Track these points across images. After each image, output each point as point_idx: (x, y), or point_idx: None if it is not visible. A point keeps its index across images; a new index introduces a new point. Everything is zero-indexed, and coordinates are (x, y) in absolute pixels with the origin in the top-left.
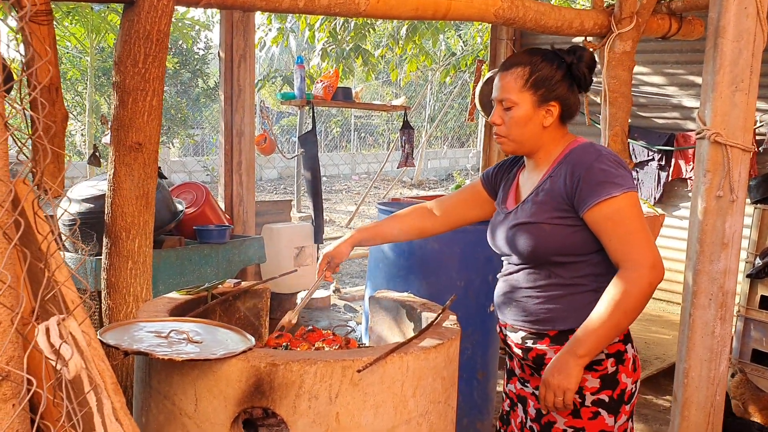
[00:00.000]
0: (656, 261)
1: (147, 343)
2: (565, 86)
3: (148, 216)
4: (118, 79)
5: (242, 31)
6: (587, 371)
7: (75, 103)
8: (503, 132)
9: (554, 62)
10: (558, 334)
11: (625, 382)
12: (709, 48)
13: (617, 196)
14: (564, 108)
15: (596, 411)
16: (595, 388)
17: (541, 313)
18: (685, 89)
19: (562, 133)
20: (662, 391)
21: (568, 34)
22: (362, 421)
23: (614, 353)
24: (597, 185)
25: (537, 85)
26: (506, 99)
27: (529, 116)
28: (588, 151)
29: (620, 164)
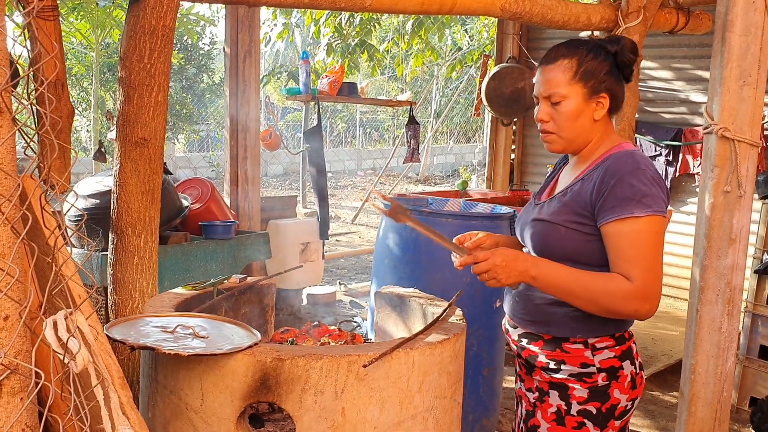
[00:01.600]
0: (652, 295)
1: (153, 338)
2: (613, 77)
3: (154, 211)
4: (123, 75)
5: (247, 27)
6: (576, 381)
7: (80, 99)
8: (552, 128)
9: (600, 53)
10: (552, 340)
11: (618, 398)
12: (717, 42)
13: (640, 217)
14: (613, 100)
15: (581, 421)
16: (582, 398)
17: (539, 314)
18: (692, 84)
19: (609, 129)
20: (669, 387)
21: (575, 28)
22: (368, 416)
23: (607, 368)
24: (622, 200)
25: (586, 76)
26: (554, 93)
27: (581, 109)
28: (626, 160)
29: (655, 182)
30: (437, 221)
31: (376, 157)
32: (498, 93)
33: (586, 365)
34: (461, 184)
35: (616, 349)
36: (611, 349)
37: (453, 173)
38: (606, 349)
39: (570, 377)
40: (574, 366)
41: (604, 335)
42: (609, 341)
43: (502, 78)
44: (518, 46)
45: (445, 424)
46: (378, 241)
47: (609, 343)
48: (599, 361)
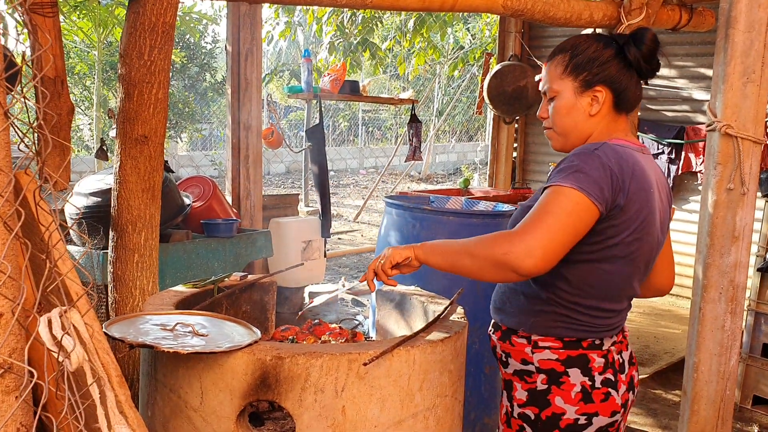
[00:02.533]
0: (537, 249)
1: (153, 336)
2: (614, 68)
3: (155, 209)
4: (123, 72)
5: (249, 25)
6: (519, 379)
7: (83, 97)
8: (549, 124)
9: (600, 43)
10: (506, 331)
11: (562, 408)
12: (720, 39)
13: (563, 186)
14: (616, 93)
15: (521, 425)
16: (522, 400)
17: (500, 301)
18: (695, 82)
19: (616, 126)
20: (671, 386)
21: (577, 25)
22: (368, 414)
23: (547, 370)
24: (558, 172)
25: (578, 69)
26: (549, 89)
27: (571, 104)
28: (591, 146)
29: (603, 169)
30: (439, 219)
31: (378, 155)
32: (500, 91)
33: (526, 362)
34: (463, 183)
35: (561, 352)
36: (554, 351)
37: (455, 172)
38: (548, 350)
39: (514, 374)
40: (516, 361)
41: (550, 335)
42: (554, 342)
43: (504, 76)
44: (520, 44)
45: (446, 423)
46: (380, 238)
47: (553, 344)
48: (538, 360)
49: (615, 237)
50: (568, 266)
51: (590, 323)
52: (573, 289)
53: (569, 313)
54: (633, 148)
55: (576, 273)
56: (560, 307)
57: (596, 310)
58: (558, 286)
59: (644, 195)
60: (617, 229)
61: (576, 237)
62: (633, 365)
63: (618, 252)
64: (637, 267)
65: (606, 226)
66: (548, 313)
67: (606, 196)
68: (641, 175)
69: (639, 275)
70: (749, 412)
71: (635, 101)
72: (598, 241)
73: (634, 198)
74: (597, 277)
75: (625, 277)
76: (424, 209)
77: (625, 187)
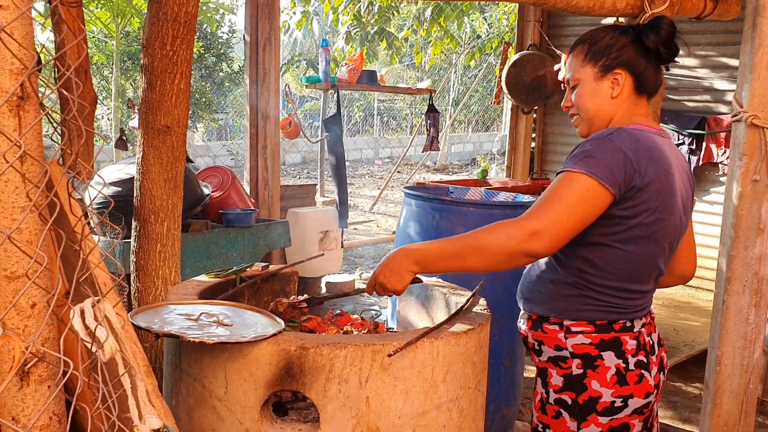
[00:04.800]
0: (545, 231)
1: (177, 326)
2: (632, 52)
3: (177, 199)
4: (146, 62)
5: (267, 15)
6: (553, 366)
7: (101, 87)
8: (575, 111)
9: (617, 31)
10: (537, 319)
11: (598, 391)
12: (748, 28)
13: (573, 172)
14: (635, 76)
15: (558, 410)
16: (558, 386)
17: (528, 291)
18: (717, 71)
19: (637, 109)
20: (691, 378)
21: (600, 14)
22: (392, 405)
23: (581, 354)
24: (571, 158)
25: (596, 55)
26: (572, 78)
27: (593, 89)
28: (606, 131)
29: (615, 153)
30: (459, 210)
31: (393, 145)
32: (518, 81)
33: (560, 348)
34: (481, 173)
35: (594, 336)
36: (587, 335)
37: (471, 162)
38: (581, 334)
39: (549, 361)
40: (550, 348)
41: (581, 319)
42: (586, 326)
43: (523, 66)
44: (539, 34)
45: (469, 414)
46: (399, 230)
47: (586, 328)
48: (572, 345)
49: (636, 218)
50: (593, 249)
51: (620, 305)
52: (600, 272)
53: (598, 296)
54: (652, 131)
55: (601, 255)
56: (589, 290)
57: (624, 292)
58: (585, 270)
59: (664, 176)
60: (636, 209)
61: (586, 219)
62: (662, 347)
63: (640, 232)
64: (661, 247)
65: (625, 207)
66: (577, 297)
67: (618, 179)
68: (660, 158)
69: (664, 256)
70: None
71: (656, 85)
72: (619, 222)
73: (653, 179)
74: (622, 259)
75: (649, 257)
76: (444, 200)
77: (641, 169)
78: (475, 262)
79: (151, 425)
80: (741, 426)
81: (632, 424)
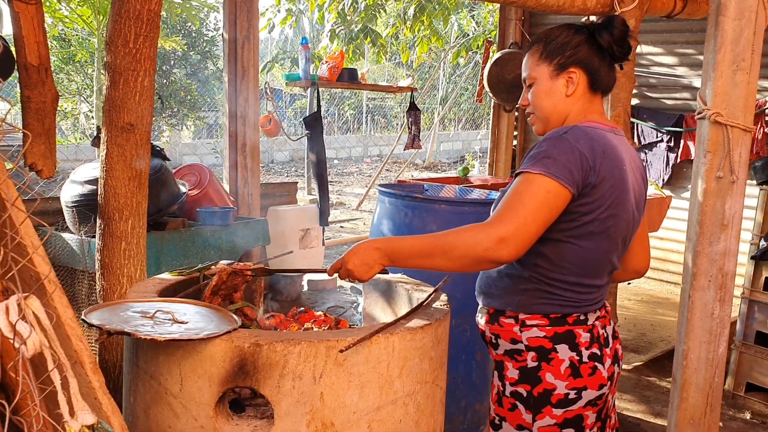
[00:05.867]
0: (512, 238)
1: (132, 323)
2: (586, 50)
3: (141, 197)
4: (109, 60)
5: (246, 12)
6: (509, 359)
7: (84, 85)
8: (531, 110)
9: (572, 30)
10: (494, 313)
11: (553, 384)
12: (711, 26)
13: (533, 173)
14: (589, 74)
15: (514, 403)
16: (513, 379)
17: (485, 285)
18: (695, 69)
19: (591, 107)
20: (665, 373)
21: (571, 12)
22: (347, 401)
23: (536, 347)
24: (528, 158)
25: (552, 54)
26: (527, 77)
27: (548, 88)
28: (561, 130)
29: (571, 152)
30: (431, 208)
31: (383, 143)
32: (500, 79)
33: (516, 341)
34: (462, 171)
35: (548, 329)
36: (541, 328)
37: (459, 160)
38: (535, 328)
39: (505, 354)
40: (506, 341)
41: (536, 313)
42: (541, 320)
43: (504, 64)
44: (521, 32)
45: (427, 409)
46: (372, 227)
47: (540, 321)
48: (527, 338)
49: (590, 214)
50: (548, 245)
51: (574, 299)
52: (554, 266)
53: (552, 290)
54: (605, 128)
55: (556, 251)
56: (543, 285)
57: (578, 286)
58: (540, 265)
59: (617, 173)
60: (591, 206)
61: (548, 221)
62: (616, 339)
63: (594, 228)
64: (614, 243)
65: (580, 203)
66: (532, 291)
67: (576, 178)
68: (612, 154)
69: (617, 251)
70: (742, 399)
71: (610, 83)
72: (575, 218)
73: (606, 176)
74: (576, 254)
75: (603, 252)
76: (416, 197)
77: (596, 166)
78: (442, 263)
79: (84, 421)
80: (707, 419)
81: (586, 415)
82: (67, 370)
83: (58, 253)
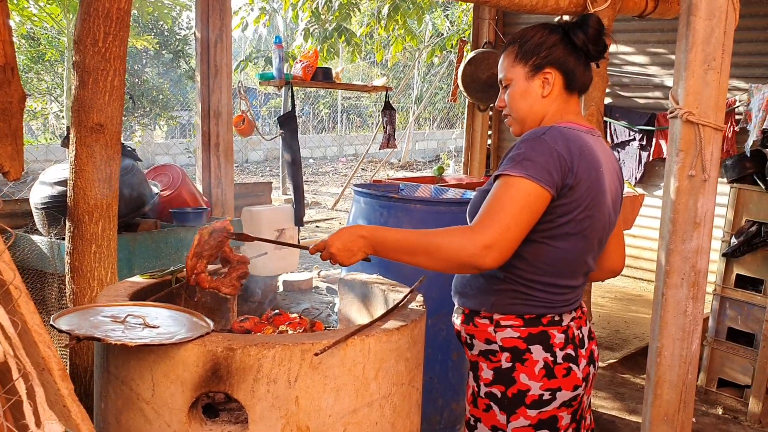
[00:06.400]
0: (495, 245)
1: (102, 328)
2: (561, 50)
3: (112, 198)
4: (78, 59)
5: (218, 11)
6: (484, 359)
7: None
8: (507, 112)
9: (546, 30)
10: (469, 313)
11: (527, 385)
12: (682, 26)
13: (512, 176)
14: (565, 74)
15: (488, 404)
16: (488, 379)
17: (461, 285)
18: (667, 69)
19: (567, 108)
20: (639, 370)
21: (544, 12)
22: (322, 404)
23: (510, 348)
24: (507, 161)
25: (527, 55)
26: (503, 78)
27: (524, 89)
28: (537, 130)
29: (549, 153)
30: (406, 207)
31: (358, 143)
32: (474, 78)
33: (490, 341)
34: (437, 170)
35: (522, 329)
36: (515, 329)
37: (435, 159)
38: (509, 328)
39: (480, 355)
40: (481, 342)
41: (510, 313)
42: (515, 320)
43: (478, 63)
44: (494, 32)
45: (403, 411)
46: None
47: (515, 322)
48: (501, 338)
49: (566, 215)
50: (524, 245)
51: (548, 300)
52: (529, 266)
53: (527, 290)
54: (582, 129)
55: (531, 251)
56: (518, 285)
57: (553, 287)
58: (515, 265)
59: (593, 174)
60: (568, 207)
61: (529, 224)
62: (592, 339)
63: (570, 229)
64: (590, 244)
65: (557, 204)
66: (507, 291)
67: (555, 179)
68: (589, 155)
69: (593, 252)
70: (714, 394)
71: (586, 83)
72: (551, 219)
73: (583, 177)
74: (552, 255)
75: (579, 253)
76: (391, 197)
77: (573, 167)
78: (425, 261)
79: (51, 431)
80: (680, 415)
81: (560, 416)
82: (33, 379)
83: (27, 255)
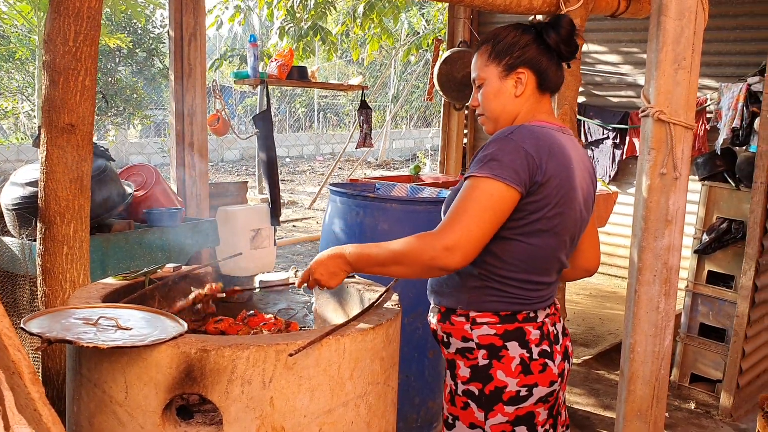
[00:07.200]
0: (457, 246)
1: (74, 331)
2: (534, 50)
3: (84, 200)
4: (48, 58)
5: (192, 9)
6: (461, 357)
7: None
8: (481, 111)
9: (519, 29)
10: (445, 312)
11: (504, 381)
12: (653, 26)
13: (478, 177)
14: (538, 74)
15: (466, 401)
16: (465, 377)
17: (437, 284)
18: (639, 67)
19: (539, 107)
20: (614, 366)
21: (517, 12)
22: (297, 404)
23: (486, 345)
24: (476, 162)
25: (500, 54)
26: (477, 77)
27: (497, 88)
28: (506, 130)
29: (517, 153)
30: (382, 207)
31: (335, 141)
32: (450, 77)
33: (467, 339)
34: (414, 169)
35: (498, 326)
36: (491, 326)
37: (412, 157)
38: (486, 325)
39: (456, 353)
40: (457, 340)
41: (486, 310)
42: (491, 317)
43: (454, 62)
44: (469, 31)
45: (379, 410)
46: (324, 227)
47: (491, 319)
48: (477, 336)
49: (537, 212)
50: (497, 242)
51: (523, 296)
52: (503, 263)
53: (502, 287)
54: (553, 128)
55: (505, 248)
56: (493, 282)
57: (527, 283)
58: (489, 262)
59: (563, 171)
60: (538, 204)
61: (495, 222)
62: (566, 336)
63: (541, 226)
64: (562, 241)
65: (527, 202)
66: (482, 288)
67: (523, 178)
68: (559, 153)
69: (565, 249)
70: (687, 389)
71: (558, 82)
72: (522, 217)
73: (553, 174)
74: (524, 251)
75: (551, 250)
76: (367, 197)
77: (542, 165)
78: (398, 271)
79: None
80: (653, 410)
81: (537, 412)
82: (2, 383)
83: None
